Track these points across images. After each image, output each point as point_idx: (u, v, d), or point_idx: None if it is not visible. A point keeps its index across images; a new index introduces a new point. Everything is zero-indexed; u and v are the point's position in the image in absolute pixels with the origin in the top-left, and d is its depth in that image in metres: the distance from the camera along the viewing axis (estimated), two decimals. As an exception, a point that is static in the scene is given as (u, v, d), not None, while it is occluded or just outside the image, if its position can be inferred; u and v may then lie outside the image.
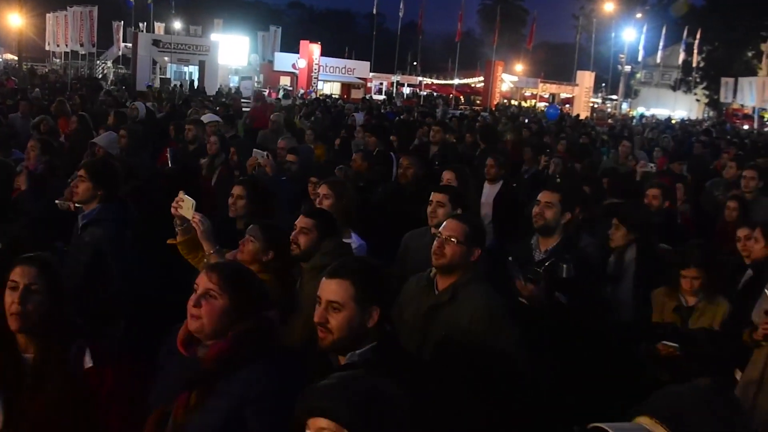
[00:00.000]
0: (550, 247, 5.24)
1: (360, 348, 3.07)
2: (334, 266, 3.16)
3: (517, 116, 29.94)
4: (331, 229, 4.74)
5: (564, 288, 4.97)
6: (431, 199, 5.75)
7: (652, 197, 7.43)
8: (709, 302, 5.20)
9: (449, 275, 4.24)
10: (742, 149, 19.42)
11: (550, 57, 78.92)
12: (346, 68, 54.28)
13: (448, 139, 12.67)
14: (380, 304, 3.12)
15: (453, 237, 4.19)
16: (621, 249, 5.86)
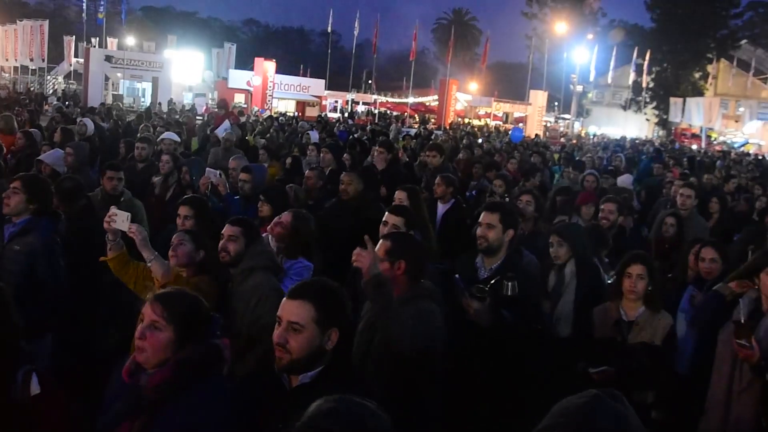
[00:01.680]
0: (494, 265, 5.26)
1: (314, 369, 3.08)
2: (297, 287, 3.18)
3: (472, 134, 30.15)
4: (255, 234, 5.15)
5: (509, 305, 5.00)
6: (386, 220, 5.82)
7: (608, 212, 7.55)
8: (650, 316, 5.23)
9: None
10: (691, 168, 19.82)
11: (504, 76, 79.73)
12: (301, 86, 54.17)
13: (401, 157, 12.74)
14: (339, 326, 3.14)
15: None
16: (560, 265, 5.96)
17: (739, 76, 60.91)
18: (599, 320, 5.39)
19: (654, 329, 5.19)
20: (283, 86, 50.86)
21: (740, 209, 11.62)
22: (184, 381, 2.99)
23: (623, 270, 5.32)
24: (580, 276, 5.87)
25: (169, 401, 2.96)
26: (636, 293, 5.24)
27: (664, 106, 60.38)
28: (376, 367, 4.13)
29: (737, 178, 15.89)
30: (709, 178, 15.42)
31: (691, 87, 61.70)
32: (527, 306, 5.11)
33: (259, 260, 4.93)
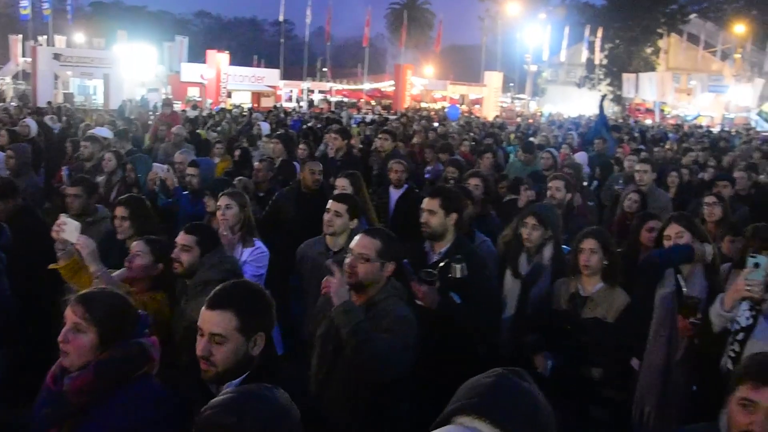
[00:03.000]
0: (443, 249, 5.22)
1: (241, 375, 2.98)
2: (215, 296, 3.04)
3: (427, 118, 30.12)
4: (212, 243, 4.72)
5: (457, 288, 4.98)
6: (329, 207, 5.73)
7: (555, 189, 7.50)
8: (607, 291, 5.25)
9: (363, 292, 4.14)
10: (643, 143, 20.01)
11: (459, 59, 79.77)
12: (256, 77, 53.65)
13: (353, 144, 12.68)
14: (265, 329, 3.04)
15: (365, 254, 4.08)
16: (535, 248, 5.85)
17: (689, 50, 61.56)
18: (557, 294, 5.40)
19: (609, 305, 5.20)
20: (237, 78, 50.32)
21: (695, 182, 11.74)
22: (107, 383, 2.91)
23: (577, 246, 5.32)
24: (556, 261, 5.79)
25: (94, 404, 2.88)
26: (590, 268, 5.23)
27: (618, 82, 60.78)
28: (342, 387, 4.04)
29: (694, 152, 16.03)
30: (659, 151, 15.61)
31: (643, 62, 62.22)
32: (477, 288, 5.05)
33: (215, 273, 4.48)
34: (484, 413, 1.71)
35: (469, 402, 1.75)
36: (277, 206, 7.91)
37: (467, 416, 1.73)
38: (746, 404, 2.80)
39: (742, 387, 2.83)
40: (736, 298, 4.30)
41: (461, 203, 5.37)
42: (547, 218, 5.89)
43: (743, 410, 2.81)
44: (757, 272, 4.15)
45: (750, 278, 4.16)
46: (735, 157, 15.65)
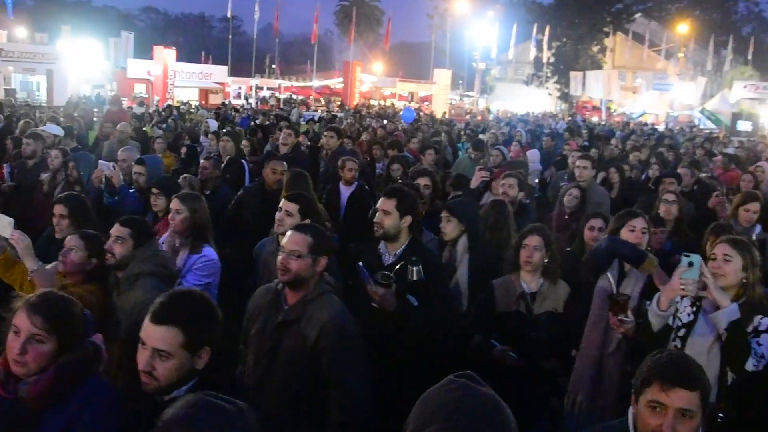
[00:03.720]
0: (398, 250, 5.20)
1: (185, 385, 2.90)
2: (160, 310, 2.93)
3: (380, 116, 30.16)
4: (145, 236, 4.70)
5: (414, 290, 4.97)
6: (280, 206, 5.68)
7: (508, 186, 7.50)
8: (550, 286, 5.34)
9: (298, 290, 4.10)
10: (590, 140, 20.25)
11: (408, 56, 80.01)
12: (203, 73, 53.07)
13: (301, 141, 12.61)
14: (211, 343, 2.96)
15: (296, 251, 4.05)
16: (453, 241, 5.93)
17: (635, 48, 62.60)
18: (501, 293, 5.40)
19: (556, 298, 5.31)
20: (185, 74, 49.71)
21: (638, 178, 11.89)
22: (67, 386, 2.88)
23: (520, 242, 5.38)
24: (472, 251, 5.86)
25: (51, 407, 2.85)
26: (532, 264, 5.30)
27: (565, 80, 61.58)
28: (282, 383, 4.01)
29: (641, 151, 16.23)
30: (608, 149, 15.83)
31: (590, 60, 63.04)
32: (434, 289, 5.06)
33: (146, 265, 4.50)
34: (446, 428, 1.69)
35: (431, 416, 1.73)
36: (240, 204, 7.85)
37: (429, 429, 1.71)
38: (655, 406, 2.83)
39: (650, 389, 2.85)
40: (671, 297, 4.37)
41: (416, 205, 5.35)
42: (460, 211, 5.97)
43: (653, 412, 2.84)
44: (691, 271, 4.20)
45: (684, 277, 4.21)
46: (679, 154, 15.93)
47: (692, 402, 2.80)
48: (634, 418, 2.95)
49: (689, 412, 2.80)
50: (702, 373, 2.92)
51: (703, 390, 2.84)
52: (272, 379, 4.04)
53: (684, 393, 2.79)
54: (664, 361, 2.91)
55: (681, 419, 2.79)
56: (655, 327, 4.46)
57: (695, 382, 2.83)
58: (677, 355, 3.06)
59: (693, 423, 2.81)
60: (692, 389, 2.80)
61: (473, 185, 8.22)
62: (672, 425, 2.78)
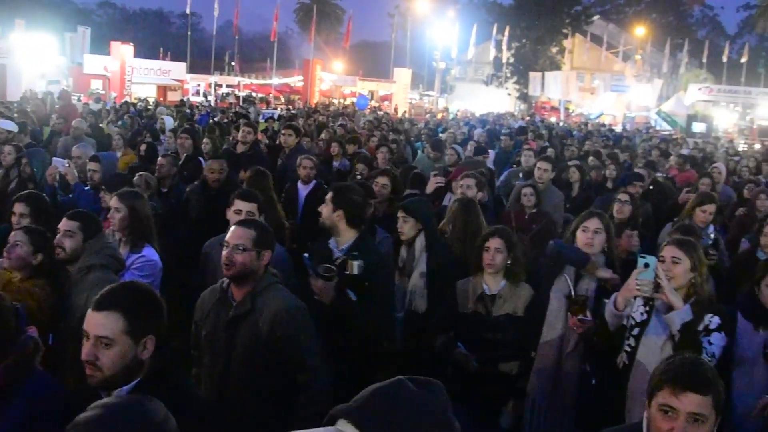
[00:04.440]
0: (344, 245, 5.26)
1: (131, 382, 2.87)
2: (101, 297, 2.90)
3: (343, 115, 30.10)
4: (94, 229, 4.73)
5: (355, 285, 5.03)
6: (240, 208, 5.68)
7: (466, 187, 7.56)
8: (511, 288, 5.36)
9: (244, 284, 4.12)
10: (549, 140, 20.42)
11: (368, 55, 79.95)
12: (162, 70, 52.45)
13: (259, 140, 12.55)
14: (155, 332, 2.93)
15: (240, 245, 4.07)
16: (410, 240, 5.98)
17: (593, 50, 63.16)
18: (462, 294, 5.45)
19: (516, 300, 5.33)
20: (143, 71, 49.08)
21: (597, 179, 11.99)
22: (12, 384, 2.87)
23: (482, 244, 5.41)
24: (429, 250, 5.90)
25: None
26: (494, 266, 5.34)
27: (524, 80, 61.98)
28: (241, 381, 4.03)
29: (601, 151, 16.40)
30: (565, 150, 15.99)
31: (549, 61, 63.50)
32: (374, 285, 5.11)
33: (97, 258, 4.56)
34: (355, 420, 1.68)
35: (348, 406, 1.72)
36: (187, 202, 7.81)
37: (345, 419, 1.69)
38: (667, 410, 2.84)
39: (662, 393, 2.87)
40: (628, 298, 4.44)
41: (350, 201, 5.34)
42: (416, 210, 6.03)
43: (664, 416, 2.85)
44: (646, 272, 4.26)
45: (640, 278, 4.28)
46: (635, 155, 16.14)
47: (704, 406, 2.81)
48: (648, 422, 2.96)
49: (701, 417, 2.81)
50: (715, 377, 2.93)
51: (716, 395, 2.85)
52: (232, 374, 4.06)
53: (696, 397, 2.80)
54: (677, 365, 2.93)
55: (693, 424, 2.81)
56: (612, 326, 4.55)
57: (707, 386, 2.84)
58: (690, 359, 3.05)
59: (705, 428, 2.82)
60: (704, 394, 2.81)
61: (428, 191, 8.26)
62: (683, 429, 2.79)
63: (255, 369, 4.02)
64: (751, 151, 24.84)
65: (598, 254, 5.32)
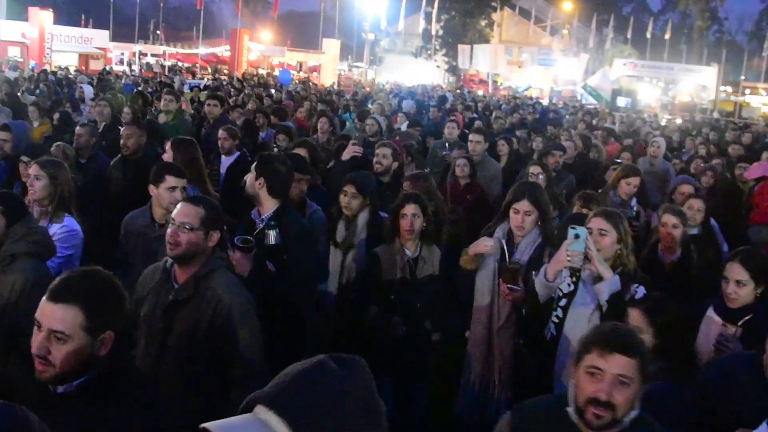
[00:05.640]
0: (266, 215, 5.14)
1: (85, 375, 2.68)
2: (60, 287, 2.68)
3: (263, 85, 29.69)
4: (19, 213, 4.32)
5: (271, 256, 4.93)
6: (174, 185, 5.41)
7: (382, 156, 7.53)
8: (428, 250, 5.51)
9: (188, 265, 3.90)
10: (477, 112, 20.50)
11: (296, 25, 79.06)
12: (83, 38, 50.82)
13: (184, 109, 12.26)
14: (114, 327, 2.73)
15: (187, 223, 3.84)
16: (353, 216, 5.92)
17: (521, 24, 63.63)
18: (385, 260, 5.47)
19: (433, 261, 5.51)
20: (63, 38, 47.54)
21: (526, 152, 12.06)
22: None
23: (398, 211, 5.44)
24: (372, 227, 5.86)
25: None
26: (413, 232, 5.41)
27: (453, 53, 62.14)
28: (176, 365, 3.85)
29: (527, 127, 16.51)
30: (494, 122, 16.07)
31: (477, 34, 63.74)
32: (294, 256, 5.00)
33: (22, 245, 4.15)
34: (273, 404, 1.60)
35: (266, 390, 1.64)
36: (110, 175, 7.58)
37: (262, 405, 1.62)
38: (594, 372, 2.83)
39: (589, 355, 2.87)
40: (558, 269, 4.46)
41: (274, 171, 5.21)
42: (366, 186, 5.98)
43: (591, 378, 2.84)
44: (577, 243, 4.27)
45: (571, 249, 4.28)
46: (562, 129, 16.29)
47: (630, 369, 2.81)
48: (574, 388, 2.94)
49: (627, 379, 2.80)
50: (642, 343, 2.97)
51: (642, 359, 2.85)
52: (166, 362, 3.85)
53: (623, 359, 2.81)
54: (606, 330, 2.97)
55: (618, 386, 2.80)
56: (542, 298, 4.57)
57: (635, 349, 2.85)
58: (618, 325, 3.11)
59: (630, 391, 2.82)
60: (631, 356, 2.82)
61: (344, 158, 8.15)
62: (608, 391, 2.78)
63: (189, 359, 3.82)
64: (673, 125, 25.34)
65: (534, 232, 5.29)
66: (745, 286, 4.44)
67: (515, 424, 3.08)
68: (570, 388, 2.97)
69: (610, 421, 2.80)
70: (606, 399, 2.78)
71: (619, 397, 2.79)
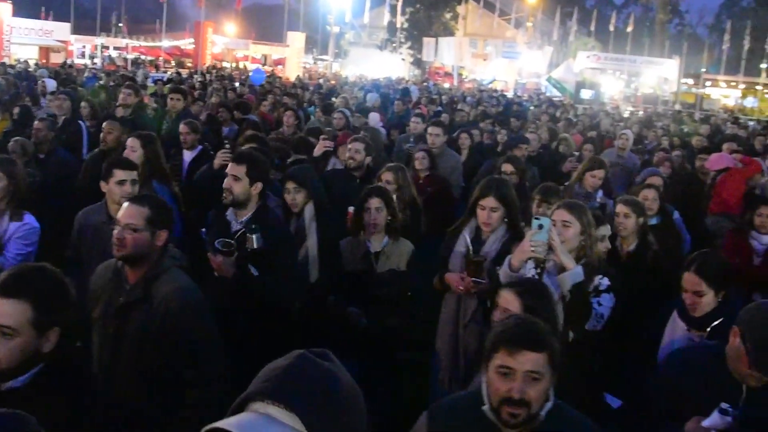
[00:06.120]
0: (245, 218, 5.08)
1: (27, 372, 2.65)
2: (9, 281, 2.65)
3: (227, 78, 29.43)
4: None
5: (256, 259, 4.87)
6: (123, 178, 5.34)
7: (354, 151, 7.50)
8: (393, 245, 5.50)
9: (137, 267, 3.85)
10: (442, 105, 20.53)
11: (261, 18, 78.41)
12: (44, 30, 50.06)
13: (146, 104, 12.12)
14: (61, 324, 2.70)
15: (132, 224, 3.78)
16: (300, 210, 5.89)
17: (485, 17, 63.77)
18: (347, 253, 5.51)
19: (399, 256, 5.47)
20: (23, 31, 46.78)
21: (489, 145, 12.13)
22: None
23: (362, 205, 5.46)
24: (319, 219, 5.83)
25: None
26: (377, 225, 5.43)
27: (418, 46, 62.18)
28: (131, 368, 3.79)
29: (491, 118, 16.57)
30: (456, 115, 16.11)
31: (442, 27, 63.79)
32: (277, 259, 4.97)
33: None
34: (276, 397, 1.61)
35: (262, 386, 1.64)
36: (86, 168, 7.47)
37: (260, 401, 1.62)
38: (505, 372, 2.81)
39: (498, 354, 2.84)
40: (522, 259, 4.46)
41: (267, 172, 5.22)
42: (305, 179, 5.94)
43: (502, 378, 2.82)
44: (540, 233, 4.29)
45: (534, 239, 4.30)
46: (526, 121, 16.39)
47: (540, 364, 2.79)
48: (486, 386, 2.92)
49: (538, 374, 2.78)
50: (550, 334, 2.93)
51: (551, 352, 2.83)
52: (119, 364, 3.80)
53: (531, 355, 2.78)
54: (511, 326, 2.92)
55: (530, 383, 2.78)
56: None
57: (541, 343, 2.82)
58: (523, 319, 3.06)
59: (542, 385, 2.81)
60: (539, 351, 2.80)
61: (316, 154, 8.13)
62: (521, 389, 2.76)
63: (143, 360, 3.77)
64: (635, 117, 25.58)
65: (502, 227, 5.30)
66: (705, 295, 4.36)
67: (432, 424, 3.07)
68: (483, 387, 2.94)
69: (526, 417, 2.79)
70: (519, 397, 2.76)
71: (532, 393, 2.78)
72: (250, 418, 1.60)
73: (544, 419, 2.84)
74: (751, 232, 6.80)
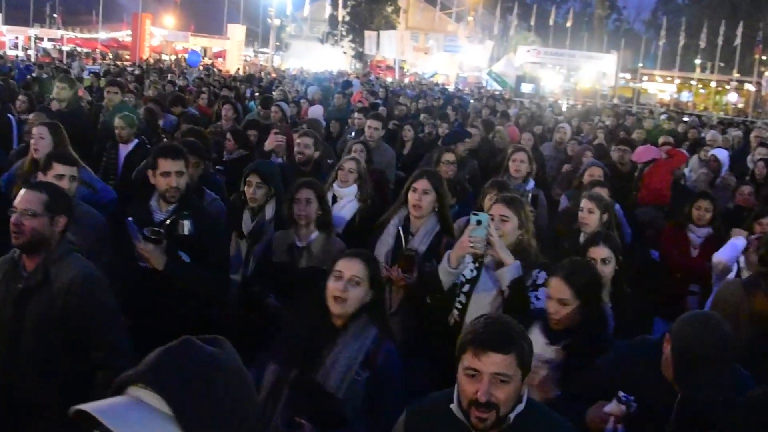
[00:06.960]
0: (170, 206, 4.98)
1: None
2: None
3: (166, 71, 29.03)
4: None
5: (185, 246, 4.83)
6: (62, 173, 5.13)
7: (304, 146, 7.46)
8: (324, 240, 5.37)
9: (35, 253, 3.82)
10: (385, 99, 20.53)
11: (200, 10, 77.44)
12: (-27, 20, 49.06)
13: (81, 96, 11.86)
14: None
15: (30, 210, 3.76)
16: (259, 207, 5.80)
17: (427, 10, 63.95)
18: (276, 246, 5.43)
19: (327, 253, 5.26)
20: (-49, 21, 45.72)
21: (430, 138, 12.14)
22: None
23: (292, 197, 5.38)
24: (277, 219, 5.76)
25: None
26: (306, 218, 5.34)
27: (360, 39, 62.11)
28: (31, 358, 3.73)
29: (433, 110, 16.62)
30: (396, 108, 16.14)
31: (384, 21, 63.78)
32: (207, 246, 4.93)
33: None
34: (146, 380, 1.56)
35: (137, 370, 1.60)
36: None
37: (134, 385, 1.58)
38: (472, 373, 2.77)
39: (465, 356, 2.79)
40: (461, 255, 4.46)
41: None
42: (270, 176, 5.89)
43: (470, 379, 2.78)
44: (479, 229, 4.29)
45: (473, 235, 4.30)
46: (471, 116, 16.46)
47: (506, 366, 2.74)
48: (458, 388, 2.88)
49: (505, 376, 2.74)
50: (518, 335, 2.85)
51: (520, 352, 2.78)
52: (18, 352, 3.76)
53: (497, 357, 2.73)
54: (479, 327, 2.85)
55: (497, 384, 2.73)
56: (446, 284, 4.56)
57: (509, 345, 2.77)
58: (493, 319, 2.96)
59: (510, 387, 2.76)
60: (506, 353, 2.74)
61: (267, 148, 8.04)
62: (487, 391, 2.71)
63: (45, 347, 3.76)
64: (574, 111, 25.90)
65: (431, 214, 5.30)
66: (569, 305, 3.96)
67: (409, 424, 3.06)
68: (456, 387, 2.90)
69: (494, 420, 2.76)
70: (485, 400, 2.72)
71: (500, 395, 2.74)
72: (116, 402, 1.57)
73: (511, 422, 2.80)
74: (688, 225, 6.95)
